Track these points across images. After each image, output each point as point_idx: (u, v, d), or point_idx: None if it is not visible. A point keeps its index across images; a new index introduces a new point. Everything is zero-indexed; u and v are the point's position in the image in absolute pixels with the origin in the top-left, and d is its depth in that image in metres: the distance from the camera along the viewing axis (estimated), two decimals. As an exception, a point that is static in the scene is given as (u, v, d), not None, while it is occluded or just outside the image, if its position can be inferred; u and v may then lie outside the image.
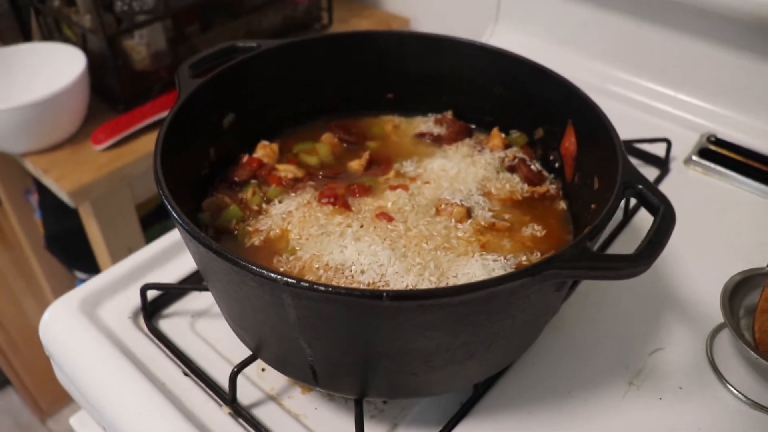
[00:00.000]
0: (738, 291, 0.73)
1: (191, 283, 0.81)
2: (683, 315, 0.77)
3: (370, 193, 0.74)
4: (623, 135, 0.68)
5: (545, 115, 0.80)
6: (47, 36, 1.40)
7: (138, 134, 1.26)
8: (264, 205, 0.73)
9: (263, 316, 0.57)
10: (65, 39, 1.36)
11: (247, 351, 0.66)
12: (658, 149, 1.00)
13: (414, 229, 0.68)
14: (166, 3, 1.28)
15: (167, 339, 0.75)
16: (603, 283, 0.80)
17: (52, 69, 1.26)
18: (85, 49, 1.28)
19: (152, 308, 0.78)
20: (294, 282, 0.48)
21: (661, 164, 0.99)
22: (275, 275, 0.48)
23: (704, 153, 1.01)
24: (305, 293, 0.48)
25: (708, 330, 0.74)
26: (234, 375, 0.66)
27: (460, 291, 0.48)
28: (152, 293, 0.79)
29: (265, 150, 0.80)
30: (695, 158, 1.00)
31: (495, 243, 0.68)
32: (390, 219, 0.69)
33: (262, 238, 0.69)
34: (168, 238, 0.87)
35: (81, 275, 1.71)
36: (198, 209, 0.73)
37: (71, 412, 0.87)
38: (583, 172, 0.73)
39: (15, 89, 1.26)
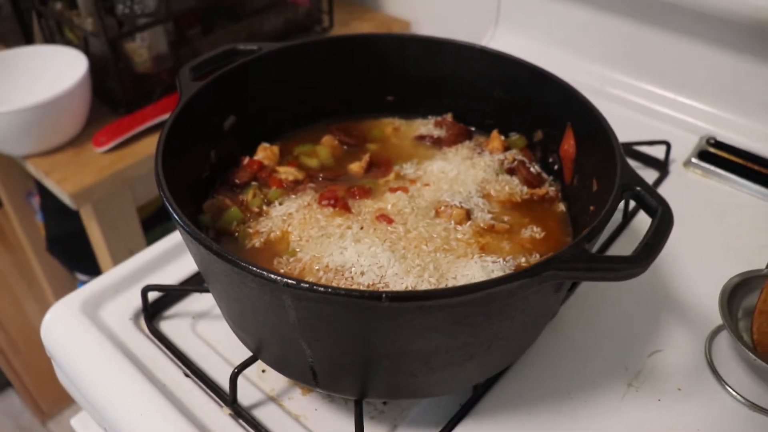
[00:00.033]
0: (737, 293, 0.74)
1: (192, 285, 0.82)
2: (682, 317, 0.77)
3: (370, 195, 0.74)
4: (623, 137, 0.68)
5: (544, 118, 0.80)
6: (49, 39, 1.41)
7: (139, 137, 1.27)
8: (264, 207, 0.73)
9: (263, 317, 0.57)
10: (67, 42, 1.36)
11: (248, 352, 0.67)
12: (658, 152, 1.00)
13: (414, 231, 0.68)
14: (168, 6, 1.28)
15: (168, 340, 0.75)
16: (602, 285, 0.80)
17: (54, 72, 1.27)
18: (87, 52, 1.28)
19: (153, 310, 0.79)
20: (294, 283, 0.48)
21: (661, 167, 1.00)
22: (275, 276, 0.49)
23: (704, 155, 1.01)
24: (305, 294, 0.49)
25: (707, 332, 0.75)
26: (234, 376, 0.66)
27: (459, 292, 0.49)
28: (153, 295, 0.79)
29: (266, 152, 0.81)
30: (695, 161, 1.00)
31: (494, 245, 0.69)
32: (390, 221, 0.69)
33: (263, 240, 0.69)
34: (169, 240, 0.88)
35: (82, 277, 1.71)
36: (199, 211, 0.73)
37: (72, 414, 0.87)
38: (582, 175, 0.73)
39: (17, 92, 1.27)
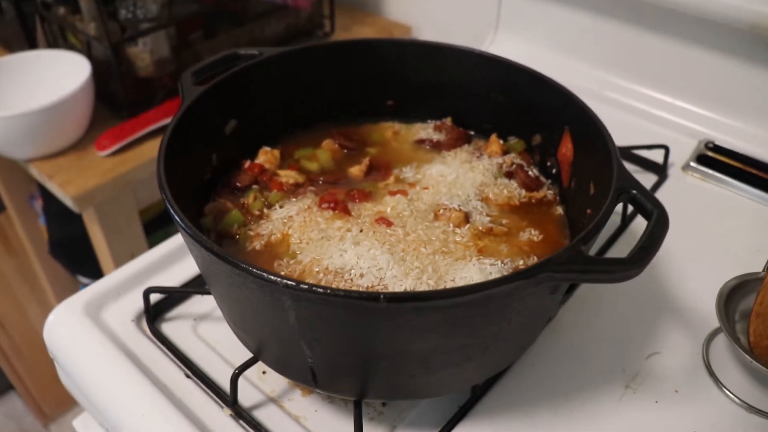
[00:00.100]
0: (733, 295, 0.74)
1: (193, 287, 0.82)
2: (680, 319, 0.77)
3: (370, 199, 0.75)
4: (622, 141, 0.68)
5: (543, 122, 0.80)
6: (52, 43, 1.42)
7: (142, 140, 1.28)
8: (265, 210, 0.74)
9: (264, 319, 0.58)
10: (70, 46, 1.37)
11: (248, 354, 0.67)
12: (657, 156, 1.01)
13: (412, 234, 0.69)
14: (170, 11, 1.29)
15: (170, 342, 0.76)
16: (601, 288, 0.81)
17: (57, 76, 1.28)
18: (90, 57, 1.29)
19: (155, 311, 0.79)
20: (293, 284, 0.49)
21: (660, 170, 1.00)
22: (275, 277, 0.49)
23: (702, 159, 1.02)
24: (305, 295, 0.49)
25: (704, 334, 0.75)
26: (235, 377, 0.67)
27: (456, 293, 0.49)
28: (155, 297, 0.79)
29: (267, 156, 0.81)
30: (693, 164, 1.01)
31: (492, 247, 0.69)
32: (389, 224, 0.70)
33: (263, 243, 0.70)
34: (170, 243, 0.88)
35: (84, 280, 1.72)
36: (200, 214, 0.74)
37: (74, 417, 0.87)
38: (580, 178, 0.74)
39: (20, 96, 1.28)
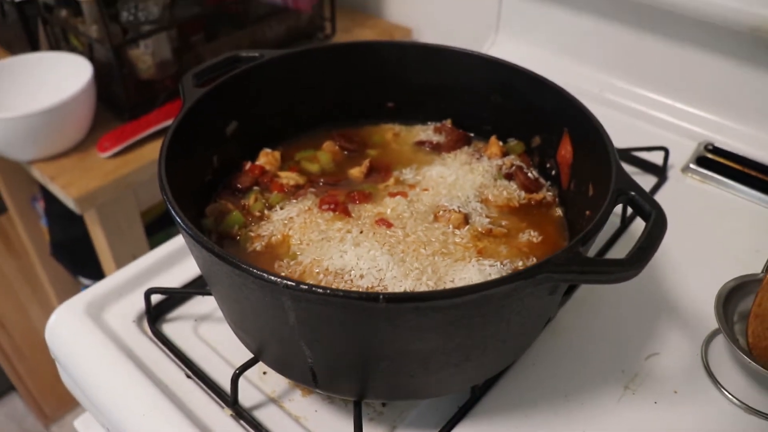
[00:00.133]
0: (732, 297, 0.74)
1: (194, 288, 0.82)
2: (679, 320, 0.78)
3: (370, 200, 0.75)
4: (621, 143, 0.69)
5: (542, 124, 0.81)
6: (54, 46, 1.42)
7: (143, 142, 1.28)
8: (266, 211, 0.74)
9: (264, 319, 0.58)
10: (72, 48, 1.38)
11: (249, 354, 0.67)
12: (656, 157, 1.01)
13: (412, 235, 0.69)
14: (172, 13, 1.30)
15: (171, 342, 0.76)
16: (600, 289, 0.81)
17: (59, 78, 1.28)
18: (92, 59, 1.30)
19: (156, 312, 0.80)
20: (293, 285, 0.49)
21: (659, 172, 1.00)
22: (275, 278, 0.49)
23: (702, 161, 1.02)
24: (304, 295, 0.49)
25: (703, 335, 0.75)
26: (236, 377, 0.67)
27: (455, 293, 0.49)
28: (156, 297, 0.80)
29: (268, 157, 0.82)
30: (693, 166, 1.01)
31: (492, 249, 0.69)
32: (389, 225, 0.70)
33: (264, 244, 0.70)
34: (172, 244, 0.89)
35: (86, 282, 1.72)
36: (201, 215, 0.74)
37: (75, 418, 0.87)
38: (579, 180, 0.74)
39: (22, 98, 1.28)
